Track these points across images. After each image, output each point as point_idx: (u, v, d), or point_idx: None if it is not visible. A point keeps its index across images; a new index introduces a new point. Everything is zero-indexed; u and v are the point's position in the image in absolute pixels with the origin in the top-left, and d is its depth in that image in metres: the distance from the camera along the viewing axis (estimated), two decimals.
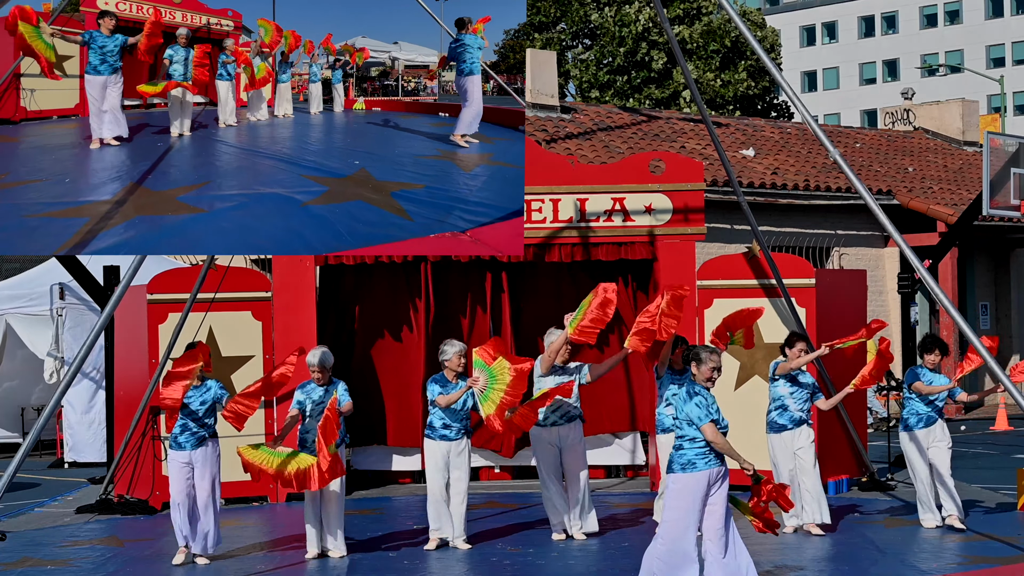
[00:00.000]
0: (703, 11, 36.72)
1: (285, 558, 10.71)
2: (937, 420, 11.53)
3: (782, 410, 11.44)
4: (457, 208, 10.43)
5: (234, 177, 11.15)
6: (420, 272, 14.51)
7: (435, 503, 11.00)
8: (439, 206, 10.42)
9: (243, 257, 19.23)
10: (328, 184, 10.68)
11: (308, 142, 13.43)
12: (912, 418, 11.53)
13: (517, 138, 12.64)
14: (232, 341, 13.69)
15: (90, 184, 10.63)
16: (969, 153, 29.45)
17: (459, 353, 11.01)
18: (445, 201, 10.54)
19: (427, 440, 11.06)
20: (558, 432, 11.23)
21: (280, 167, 11.52)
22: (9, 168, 10.91)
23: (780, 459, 11.45)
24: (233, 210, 10.26)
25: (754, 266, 13.92)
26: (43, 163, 11.19)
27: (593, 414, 13.89)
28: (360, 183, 10.69)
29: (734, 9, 11.70)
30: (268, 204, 10.34)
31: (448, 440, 10.94)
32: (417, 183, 10.99)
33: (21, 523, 12.75)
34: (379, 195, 10.40)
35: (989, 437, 20.39)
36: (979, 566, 9.97)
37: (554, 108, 24.04)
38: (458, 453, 10.96)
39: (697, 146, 24.05)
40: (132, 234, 9.52)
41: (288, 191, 10.61)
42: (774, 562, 10.21)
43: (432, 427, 10.99)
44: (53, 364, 17.95)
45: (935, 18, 72.93)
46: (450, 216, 10.39)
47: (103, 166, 11.17)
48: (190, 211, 9.93)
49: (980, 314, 26.39)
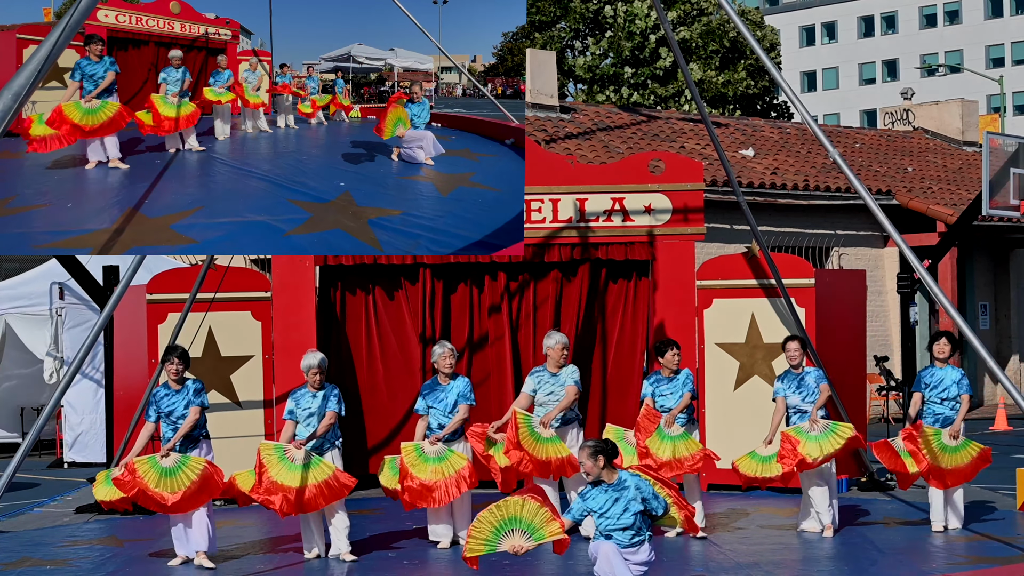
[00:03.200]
0: (703, 11, 36.73)
1: (285, 558, 10.71)
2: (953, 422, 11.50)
3: (801, 414, 11.38)
4: (425, 238, 10.76)
5: (226, 201, 11.50)
6: (419, 273, 14.51)
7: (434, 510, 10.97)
8: (410, 235, 10.77)
9: (243, 257, 19.23)
10: (312, 210, 11.07)
11: (299, 159, 13.56)
12: (929, 418, 11.49)
13: (504, 154, 12.74)
14: (232, 341, 13.69)
15: (92, 209, 10.86)
16: (968, 153, 29.46)
17: (445, 355, 11.01)
18: (415, 229, 10.88)
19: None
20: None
21: (269, 191, 11.85)
22: (16, 190, 11.07)
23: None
24: (221, 240, 10.68)
25: (753, 266, 13.92)
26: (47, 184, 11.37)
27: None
28: (341, 209, 11.07)
29: (733, 9, 11.70)
30: (253, 234, 10.71)
31: (445, 442, 10.92)
32: (395, 208, 11.35)
33: (21, 523, 12.75)
34: (356, 223, 10.76)
35: (989, 437, 20.39)
36: (979, 566, 9.97)
37: (554, 108, 24.04)
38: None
39: (697, 146, 24.05)
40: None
41: (273, 219, 10.99)
42: (774, 562, 10.21)
43: (429, 430, 10.97)
44: (53, 364, 17.96)
45: (935, 18, 72.92)
46: (417, 246, 10.83)
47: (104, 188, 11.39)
48: (182, 241, 10.34)
49: (980, 314, 26.40)
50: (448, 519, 11.00)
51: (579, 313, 14.46)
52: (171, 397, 10.44)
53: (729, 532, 11.53)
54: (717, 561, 10.28)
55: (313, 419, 10.57)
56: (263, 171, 12.62)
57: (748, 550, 10.68)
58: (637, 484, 8.20)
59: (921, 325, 24.61)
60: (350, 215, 10.97)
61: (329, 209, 11.16)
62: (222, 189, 12.01)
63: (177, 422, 10.38)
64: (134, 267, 12.18)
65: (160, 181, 11.72)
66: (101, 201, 11.14)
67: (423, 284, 14.52)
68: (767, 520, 12.00)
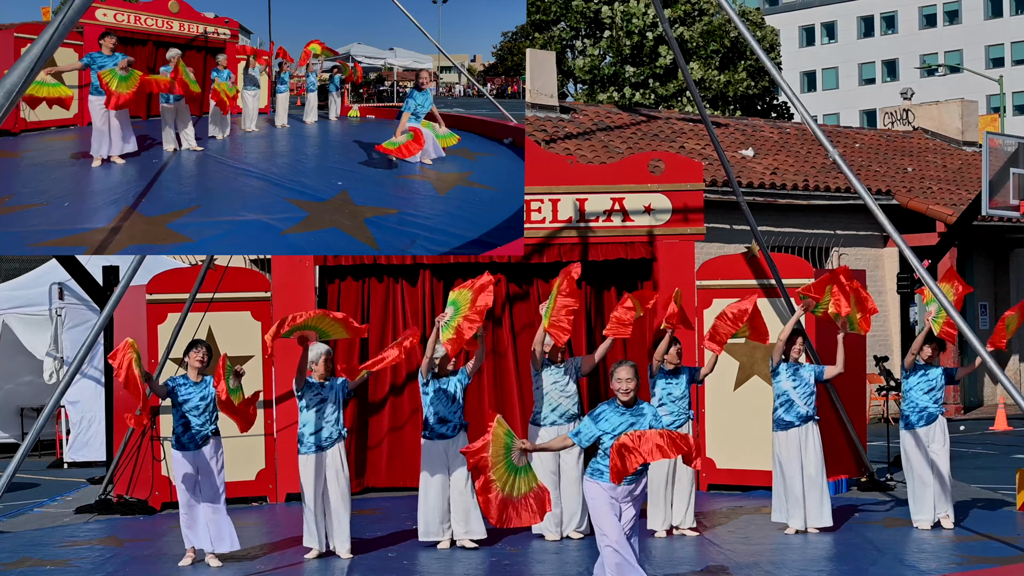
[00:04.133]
0: (703, 11, 36.73)
1: (285, 558, 10.71)
2: (938, 417, 11.53)
3: (788, 406, 11.40)
4: (421, 237, 10.81)
5: (223, 200, 11.53)
6: (419, 273, 14.51)
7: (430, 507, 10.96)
8: (405, 234, 10.83)
9: (242, 257, 19.24)
10: (308, 209, 11.10)
11: (297, 159, 13.58)
12: (913, 415, 11.51)
13: (502, 153, 12.75)
14: (231, 341, 13.68)
15: (88, 208, 10.86)
16: (968, 153, 29.46)
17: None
18: (412, 228, 10.92)
19: (424, 441, 11.05)
20: (556, 432, 11.23)
21: (267, 190, 11.89)
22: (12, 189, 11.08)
23: (785, 457, 11.39)
24: (217, 239, 10.72)
25: (753, 266, 13.92)
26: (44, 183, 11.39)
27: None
28: (338, 208, 11.12)
29: (733, 9, 11.70)
30: (250, 232, 10.74)
31: (446, 438, 10.94)
32: (391, 207, 11.42)
33: (21, 523, 12.75)
34: (353, 221, 10.80)
35: (988, 437, 20.40)
36: (979, 566, 9.97)
37: (553, 108, 24.04)
38: (457, 449, 10.96)
39: (696, 146, 24.06)
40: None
41: (270, 218, 11.03)
42: (774, 562, 10.21)
43: (428, 426, 10.99)
44: (52, 364, 17.95)
45: (934, 18, 72.91)
46: (413, 245, 10.88)
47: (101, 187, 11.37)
48: (178, 240, 10.37)
49: (979, 314, 26.40)
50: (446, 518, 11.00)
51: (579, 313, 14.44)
52: (188, 388, 10.44)
53: (729, 532, 11.53)
54: (717, 561, 10.28)
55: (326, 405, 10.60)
56: (261, 170, 12.64)
57: (748, 550, 10.69)
58: (654, 413, 8.16)
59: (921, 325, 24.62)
60: (347, 214, 11.02)
61: (326, 208, 11.22)
62: (220, 188, 12.04)
63: (190, 413, 10.39)
64: (134, 267, 12.18)
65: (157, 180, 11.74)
66: (99, 200, 11.16)
67: (423, 284, 14.52)
68: (767, 520, 12.00)
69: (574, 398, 11.30)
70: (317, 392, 10.62)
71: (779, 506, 11.52)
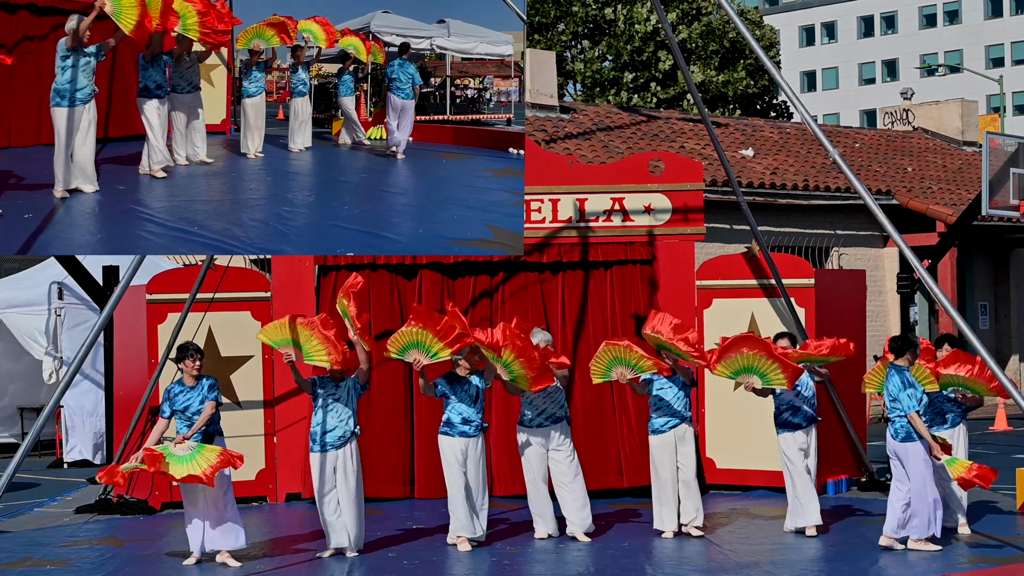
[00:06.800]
0: (702, 11, 36.73)
1: (286, 558, 10.71)
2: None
3: (794, 410, 11.38)
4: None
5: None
6: (418, 273, 14.49)
7: (459, 502, 10.92)
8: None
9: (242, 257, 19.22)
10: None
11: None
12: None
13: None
14: (231, 341, 13.68)
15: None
16: (968, 153, 29.45)
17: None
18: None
19: (444, 437, 11.02)
20: (545, 434, 11.25)
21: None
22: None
23: (794, 457, 11.37)
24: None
25: (753, 266, 13.92)
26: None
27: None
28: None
29: (733, 9, 11.70)
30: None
31: (467, 437, 10.94)
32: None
33: (21, 523, 12.74)
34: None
35: (989, 437, 20.39)
36: (979, 566, 9.97)
37: (553, 108, 24.04)
38: (476, 449, 10.99)
39: (696, 146, 24.05)
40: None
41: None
42: (774, 562, 10.21)
43: (450, 423, 10.98)
44: (52, 364, 17.93)
45: (934, 18, 72.92)
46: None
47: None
48: None
49: (979, 314, 26.40)
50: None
51: (579, 313, 14.44)
52: (186, 394, 10.45)
53: (729, 532, 11.53)
54: (717, 561, 10.28)
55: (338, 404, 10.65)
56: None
57: (748, 550, 10.68)
58: None
59: (921, 325, 24.62)
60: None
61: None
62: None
63: (192, 418, 10.39)
64: (134, 267, 12.15)
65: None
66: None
67: (422, 284, 14.50)
68: (767, 520, 11.99)
69: (560, 401, 11.36)
70: (331, 392, 10.64)
71: (796, 510, 11.45)
